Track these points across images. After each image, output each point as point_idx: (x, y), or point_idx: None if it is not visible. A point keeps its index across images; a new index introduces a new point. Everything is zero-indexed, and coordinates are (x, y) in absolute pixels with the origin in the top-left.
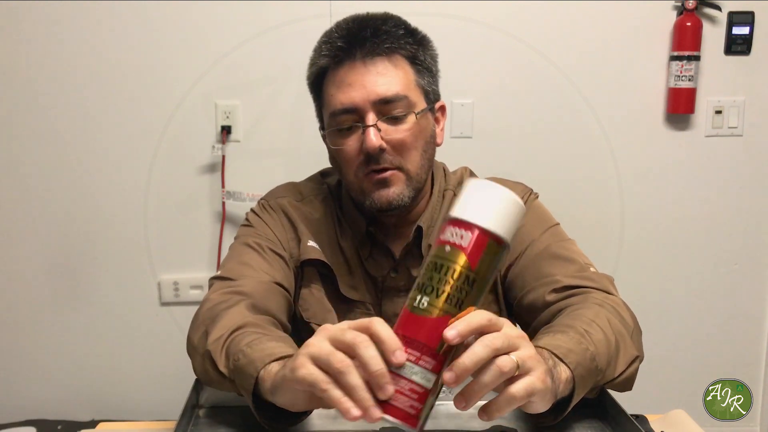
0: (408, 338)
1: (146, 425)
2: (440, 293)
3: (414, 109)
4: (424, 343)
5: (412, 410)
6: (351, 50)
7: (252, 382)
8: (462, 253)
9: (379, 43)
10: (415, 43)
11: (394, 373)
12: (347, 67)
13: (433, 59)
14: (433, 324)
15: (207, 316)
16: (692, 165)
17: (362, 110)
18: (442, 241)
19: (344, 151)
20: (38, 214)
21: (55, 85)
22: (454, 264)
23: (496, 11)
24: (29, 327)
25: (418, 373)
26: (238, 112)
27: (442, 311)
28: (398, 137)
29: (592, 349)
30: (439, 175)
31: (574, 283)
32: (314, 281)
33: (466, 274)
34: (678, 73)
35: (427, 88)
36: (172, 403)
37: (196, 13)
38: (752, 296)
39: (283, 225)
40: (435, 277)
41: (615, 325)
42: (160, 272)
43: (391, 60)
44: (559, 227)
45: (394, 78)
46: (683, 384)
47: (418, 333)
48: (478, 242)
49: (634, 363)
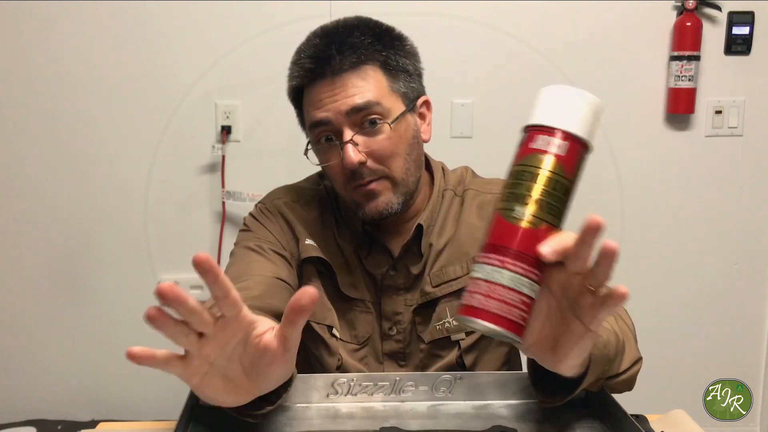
0: (512, 250)
1: (146, 425)
2: (539, 203)
3: (388, 117)
4: (530, 255)
5: (521, 321)
6: (320, 69)
7: None
8: (559, 162)
9: (345, 58)
10: (384, 48)
11: (502, 286)
12: (318, 85)
13: (408, 57)
14: (536, 234)
15: None
16: (692, 165)
17: (337, 126)
18: (535, 150)
19: (330, 167)
20: (38, 214)
21: (55, 86)
22: (552, 173)
23: (496, 11)
24: (29, 327)
25: (527, 285)
26: (238, 112)
27: (542, 222)
28: (377, 147)
29: (605, 336)
30: (438, 175)
31: None
32: (313, 280)
33: (563, 183)
34: (678, 73)
35: (404, 90)
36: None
37: (196, 13)
38: (752, 296)
39: (281, 226)
40: (533, 187)
41: (620, 325)
42: (160, 272)
43: (359, 73)
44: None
45: (364, 89)
46: (683, 384)
47: (523, 245)
48: (573, 150)
49: (636, 364)
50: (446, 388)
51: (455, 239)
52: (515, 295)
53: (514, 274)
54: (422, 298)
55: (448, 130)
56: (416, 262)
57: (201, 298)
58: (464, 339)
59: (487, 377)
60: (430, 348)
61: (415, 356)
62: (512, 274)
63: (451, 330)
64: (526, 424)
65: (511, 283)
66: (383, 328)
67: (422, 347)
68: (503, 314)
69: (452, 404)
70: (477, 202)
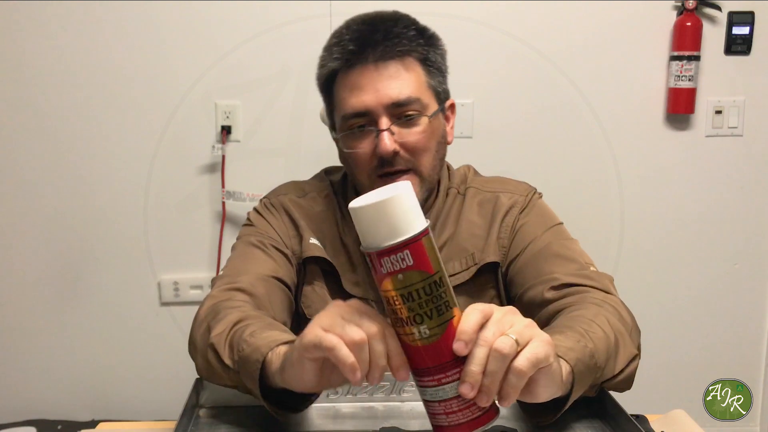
0: (435, 367)
1: (146, 425)
2: (432, 314)
3: (426, 111)
4: (450, 361)
5: (480, 412)
6: (363, 53)
7: (258, 368)
8: (417, 271)
9: (391, 47)
10: (426, 44)
11: (450, 399)
12: (359, 71)
13: (442, 58)
14: (447, 340)
15: (209, 313)
16: (692, 165)
17: (375, 114)
18: (388, 273)
19: (357, 154)
20: (38, 214)
21: (55, 86)
22: (418, 283)
23: (496, 11)
24: (29, 327)
25: None
26: (238, 112)
27: (444, 325)
28: (411, 140)
29: (591, 346)
30: (444, 174)
31: (574, 281)
32: (317, 278)
33: (433, 280)
34: (678, 73)
35: (438, 88)
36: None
37: (196, 13)
38: (752, 296)
39: (285, 223)
40: (413, 306)
41: (614, 323)
42: (160, 272)
43: (403, 63)
44: (561, 227)
45: (406, 81)
46: (683, 384)
47: (441, 357)
48: (418, 251)
49: (633, 361)
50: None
51: (455, 236)
52: (456, 402)
53: (453, 384)
54: None
55: None
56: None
57: (201, 298)
58: None
59: None
60: None
61: None
62: (452, 384)
63: None
64: (526, 424)
65: (456, 392)
66: None
67: None
68: (472, 418)
69: None
70: (477, 200)
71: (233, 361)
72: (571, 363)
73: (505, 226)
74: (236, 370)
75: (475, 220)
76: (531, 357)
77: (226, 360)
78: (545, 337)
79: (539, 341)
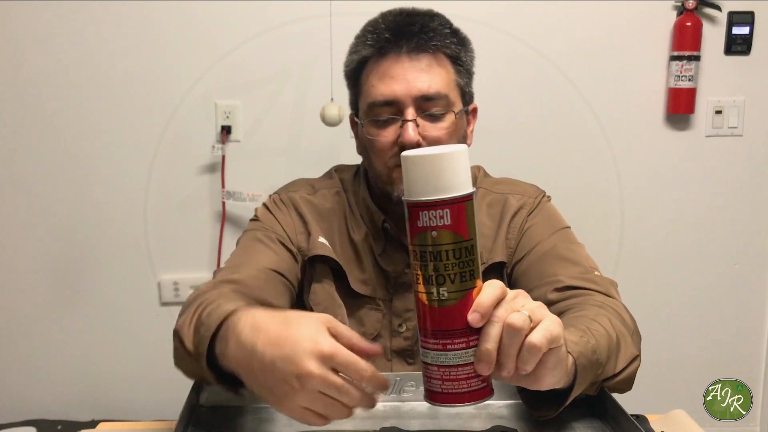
0: (443, 331)
1: (146, 425)
2: (455, 278)
3: (453, 108)
4: (460, 329)
5: (483, 383)
6: (397, 43)
7: (209, 335)
8: (452, 232)
9: (426, 40)
10: (458, 43)
11: (453, 366)
12: (392, 60)
13: (471, 61)
14: (464, 305)
15: (190, 302)
16: (692, 165)
17: (402, 104)
18: (424, 228)
19: (379, 141)
20: (38, 215)
21: (56, 86)
22: (450, 245)
23: (496, 11)
24: (29, 327)
25: (472, 354)
26: (238, 112)
27: (464, 293)
28: (435, 135)
29: (593, 342)
30: None
31: (577, 284)
32: (325, 276)
33: (464, 246)
34: (678, 73)
35: (465, 89)
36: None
37: (196, 13)
38: (752, 296)
39: (293, 219)
40: (439, 266)
41: (616, 324)
42: (160, 272)
43: (436, 58)
44: (569, 230)
45: (437, 76)
46: (683, 384)
47: (452, 323)
48: (458, 213)
49: (634, 362)
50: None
51: None
52: (466, 368)
53: (457, 352)
54: None
55: None
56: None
57: None
58: None
59: None
60: None
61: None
62: (455, 352)
63: None
64: (526, 424)
65: (458, 360)
66: (393, 325)
67: None
68: (464, 391)
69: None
70: (487, 201)
71: (193, 345)
72: (573, 355)
73: (513, 227)
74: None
75: (484, 220)
76: (545, 333)
77: (189, 344)
78: (556, 317)
79: (551, 320)
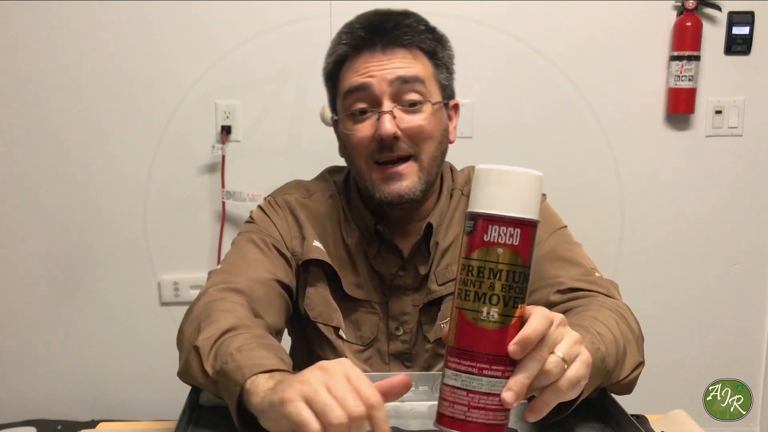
0: (488, 355)
1: (146, 425)
2: (508, 301)
3: (431, 98)
4: (499, 356)
5: (504, 419)
6: (372, 40)
7: (238, 390)
8: (517, 253)
9: (399, 35)
10: (434, 39)
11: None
12: (367, 56)
13: (450, 58)
14: (509, 333)
15: (202, 311)
16: (692, 165)
17: (378, 96)
18: (491, 243)
19: (356, 136)
20: (38, 215)
21: (56, 86)
22: (511, 266)
23: (496, 11)
24: (29, 327)
25: (502, 384)
26: (238, 112)
27: (513, 318)
28: (414, 125)
29: (603, 350)
30: (447, 175)
31: (579, 285)
32: (320, 280)
33: (523, 272)
34: (678, 73)
35: (444, 83)
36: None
37: (196, 13)
38: (752, 296)
39: (288, 223)
40: (497, 285)
41: (623, 329)
42: (160, 272)
43: (411, 52)
44: (566, 230)
45: (413, 65)
46: (683, 384)
47: (498, 347)
48: (527, 237)
49: (637, 369)
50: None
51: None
52: (494, 398)
53: (491, 379)
54: (428, 297)
55: None
56: (425, 262)
57: None
58: None
59: None
60: (435, 347)
61: (420, 356)
62: (490, 379)
63: None
64: (526, 424)
65: (489, 389)
66: (390, 328)
67: (427, 347)
68: (488, 422)
69: None
70: None
71: (214, 371)
72: None
73: None
74: (214, 380)
75: None
76: (573, 379)
77: (208, 367)
78: (586, 356)
79: (581, 362)
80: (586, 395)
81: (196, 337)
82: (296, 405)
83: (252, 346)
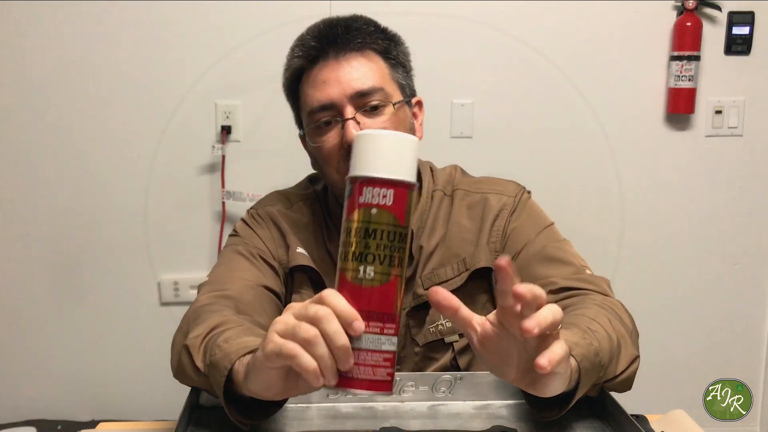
0: (365, 311)
1: (146, 425)
2: (384, 259)
3: (391, 100)
4: (384, 312)
5: (388, 377)
6: (324, 48)
7: (224, 374)
8: (391, 213)
9: (350, 39)
10: (386, 39)
11: (363, 350)
12: (321, 65)
13: (405, 56)
14: (386, 290)
15: (191, 316)
16: (692, 165)
17: (339, 105)
18: (365, 204)
19: (325, 148)
20: (39, 214)
21: (56, 85)
22: (386, 226)
23: (496, 11)
24: (29, 327)
25: (385, 342)
26: (238, 112)
27: (390, 276)
28: (377, 127)
29: (596, 344)
30: (427, 175)
31: (571, 284)
32: (305, 286)
33: (398, 231)
34: (678, 73)
35: (402, 81)
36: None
37: (196, 13)
38: (752, 296)
39: (272, 233)
40: (372, 243)
41: (615, 325)
42: (160, 272)
43: (363, 54)
44: (553, 227)
45: (368, 71)
46: (683, 384)
47: (375, 304)
48: (401, 197)
49: (634, 363)
50: (446, 389)
51: (446, 240)
52: (377, 355)
53: (372, 335)
54: (415, 301)
55: (448, 130)
56: (409, 266)
57: None
58: (458, 341)
59: (487, 377)
60: (424, 351)
61: (410, 360)
62: (370, 335)
63: (444, 332)
64: (526, 424)
65: (371, 345)
66: None
67: (416, 350)
68: (370, 378)
69: (452, 404)
70: (466, 202)
71: (204, 365)
72: (577, 359)
73: (496, 230)
74: (206, 374)
75: (465, 223)
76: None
77: (198, 363)
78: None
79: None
80: (583, 391)
81: (185, 338)
82: (276, 342)
83: (239, 335)
